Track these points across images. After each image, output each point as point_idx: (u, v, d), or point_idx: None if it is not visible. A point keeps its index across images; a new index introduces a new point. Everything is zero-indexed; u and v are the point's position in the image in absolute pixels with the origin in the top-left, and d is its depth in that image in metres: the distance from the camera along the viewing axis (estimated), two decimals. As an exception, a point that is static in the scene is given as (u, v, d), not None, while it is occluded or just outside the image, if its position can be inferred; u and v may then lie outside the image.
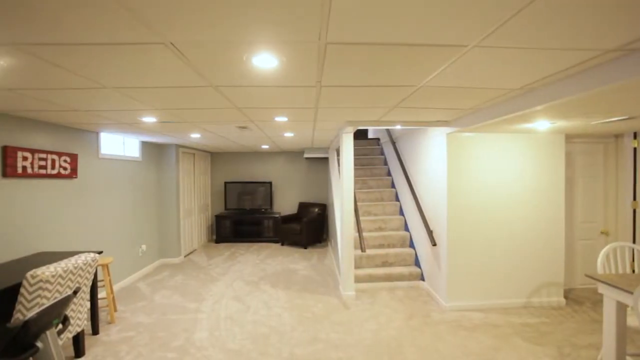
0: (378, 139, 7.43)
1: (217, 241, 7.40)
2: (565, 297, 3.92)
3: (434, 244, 3.89)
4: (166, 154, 5.74)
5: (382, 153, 7.00)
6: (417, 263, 4.68)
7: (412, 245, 4.91)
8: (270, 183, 7.62)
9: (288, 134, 4.59)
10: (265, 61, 1.61)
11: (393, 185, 6.05)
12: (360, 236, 4.32)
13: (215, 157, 7.95)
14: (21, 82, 1.95)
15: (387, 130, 6.37)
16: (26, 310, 2.18)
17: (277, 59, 1.58)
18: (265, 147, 6.54)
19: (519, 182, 3.74)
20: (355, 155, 6.72)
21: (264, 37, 1.34)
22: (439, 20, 1.22)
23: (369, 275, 4.47)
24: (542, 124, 3.07)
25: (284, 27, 1.25)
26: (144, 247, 5.16)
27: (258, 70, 1.77)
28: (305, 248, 6.87)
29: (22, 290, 2.17)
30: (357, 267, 4.66)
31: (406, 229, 5.18)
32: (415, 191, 4.75)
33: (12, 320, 2.20)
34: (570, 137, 4.12)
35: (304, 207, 7.57)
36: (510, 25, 1.25)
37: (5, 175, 2.85)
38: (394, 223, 5.28)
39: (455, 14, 1.17)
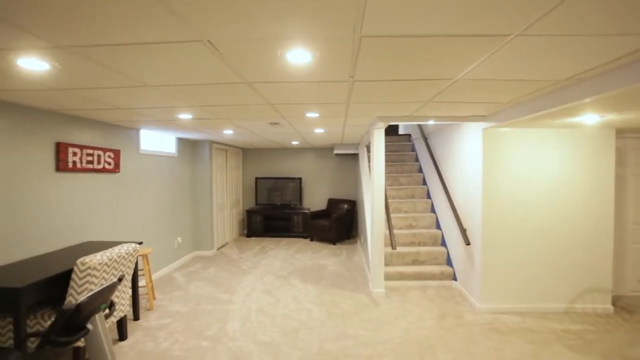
0: (409, 135, 7.28)
1: (248, 235, 7.59)
2: (613, 304, 3.66)
3: (468, 243, 3.77)
4: (200, 150, 5.94)
5: (414, 149, 6.85)
6: (449, 262, 4.55)
7: (444, 243, 4.78)
8: (300, 179, 7.69)
9: (318, 130, 4.60)
10: (299, 57, 1.62)
11: (424, 183, 5.91)
12: (390, 233, 4.26)
13: (246, 153, 8.13)
14: (73, 82, 2.08)
15: (419, 125, 6.22)
16: (77, 294, 2.34)
17: (311, 54, 1.58)
18: (295, 143, 6.60)
19: (562, 179, 3.52)
20: (385, 151, 6.61)
21: (300, 33, 1.35)
22: (480, 9, 1.16)
23: (399, 273, 4.41)
24: (590, 118, 2.87)
25: (320, 20, 1.25)
26: (179, 239, 5.38)
27: (291, 66, 1.78)
28: (334, 244, 6.88)
29: (73, 275, 2.34)
30: (387, 264, 4.60)
31: (438, 227, 5.05)
32: (448, 188, 4.61)
33: (65, 303, 2.37)
34: (621, 132, 3.82)
35: (333, 203, 7.58)
36: (561, 10, 1.17)
37: (58, 169, 3.07)
38: (425, 221, 5.16)
39: (498, 1, 1.11)
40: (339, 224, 6.85)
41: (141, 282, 4.21)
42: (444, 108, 3.02)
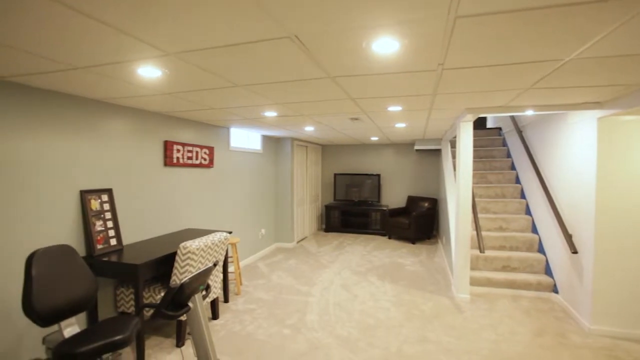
0: (499, 129, 6.61)
1: (326, 230, 7.74)
2: None
3: (574, 252, 3.26)
4: (283, 147, 6.24)
5: (505, 144, 6.20)
6: (548, 271, 4.01)
7: (541, 249, 4.23)
8: (379, 175, 7.56)
9: (400, 125, 4.44)
10: (385, 46, 1.56)
11: (518, 181, 5.31)
12: (478, 235, 3.92)
13: (325, 149, 8.29)
14: (177, 86, 2.34)
15: (512, 117, 5.60)
16: (180, 274, 2.65)
17: (399, 42, 1.51)
18: (374, 138, 6.51)
19: None
20: (472, 146, 6.12)
21: (388, 19, 1.29)
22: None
23: (486, 279, 4.04)
24: None
25: (411, 2, 1.18)
26: (263, 230, 5.74)
27: (376, 57, 1.73)
28: (414, 243, 6.62)
29: (176, 257, 2.65)
30: (472, 268, 4.26)
31: (534, 230, 4.49)
32: (548, 188, 4.05)
33: (171, 281, 2.71)
34: None
35: (412, 200, 7.29)
36: None
37: (165, 164, 3.51)
38: (518, 223, 4.63)
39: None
40: (418, 222, 6.57)
41: (230, 269, 4.60)
42: (547, 95, 2.64)
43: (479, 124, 7.76)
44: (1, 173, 2.14)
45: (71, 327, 1.86)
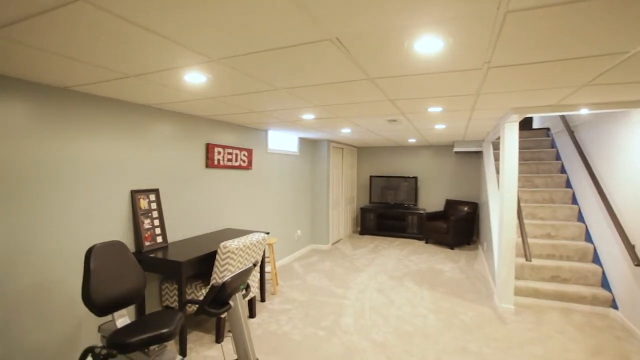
0: (547, 129, 6.21)
1: (361, 233, 7.67)
2: None
3: (638, 264, 2.97)
4: (319, 149, 6.27)
5: (553, 145, 5.81)
6: (605, 284, 3.69)
7: (596, 260, 3.91)
8: (416, 178, 7.38)
9: (439, 126, 4.31)
10: (428, 45, 1.51)
11: (568, 185, 4.95)
12: (524, 242, 3.70)
13: (361, 151, 8.23)
14: (220, 91, 2.43)
15: (562, 117, 5.24)
16: (220, 272, 2.74)
17: (443, 41, 1.47)
18: (412, 140, 6.36)
19: None
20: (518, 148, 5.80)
21: (432, 16, 1.25)
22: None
23: (533, 290, 3.80)
24: None
25: None
26: (299, 232, 5.80)
27: (418, 57, 1.69)
28: (452, 249, 6.38)
29: (217, 256, 2.74)
30: (517, 277, 4.02)
31: (588, 239, 4.15)
32: (606, 193, 3.73)
33: (211, 279, 2.81)
34: None
35: (451, 204, 7.03)
36: None
37: (207, 166, 3.65)
38: (570, 230, 4.31)
39: None
40: (458, 227, 6.32)
41: (267, 269, 4.69)
42: (607, 92, 2.44)
43: (525, 124, 7.34)
44: (66, 175, 2.34)
45: (123, 318, 1.98)
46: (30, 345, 2.15)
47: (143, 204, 2.90)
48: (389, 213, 7.39)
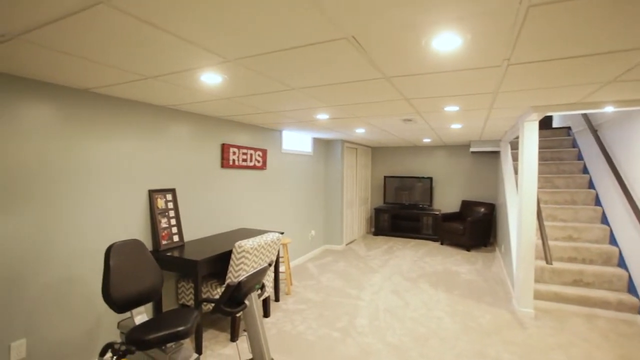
0: (568, 128, 6.03)
1: (375, 233, 7.62)
2: None
3: (667, 268, 2.85)
4: (333, 149, 6.26)
5: (575, 145, 5.63)
6: (632, 290, 3.55)
7: (622, 264, 3.76)
8: (431, 178, 7.28)
9: (455, 126, 4.23)
10: (446, 43, 1.49)
11: (591, 186, 4.79)
12: (544, 245, 3.59)
13: (375, 151, 8.17)
14: (235, 91, 2.45)
15: (585, 115, 5.07)
16: (235, 271, 2.76)
17: (462, 38, 1.43)
18: (427, 140, 6.28)
19: None
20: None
21: (451, 13, 1.23)
22: None
23: (554, 294, 3.68)
24: None
25: (476, -3, 1.11)
26: (313, 232, 5.80)
27: (436, 55, 1.66)
28: (468, 250, 6.26)
29: (232, 256, 2.77)
30: (537, 280, 3.91)
31: (612, 242, 4.00)
32: (632, 195, 3.59)
33: (226, 278, 2.83)
34: None
35: (467, 205, 6.91)
36: None
37: (222, 166, 3.69)
38: (593, 233, 4.17)
39: None
40: (474, 228, 6.20)
41: (281, 269, 4.70)
42: (635, 88, 2.34)
43: (544, 123, 7.15)
44: (89, 175, 2.40)
45: (141, 315, 2.02)
46: (55, 338, 2.22)
47: (160, 203, 2.95)
48: (403, 214, 7.31)
